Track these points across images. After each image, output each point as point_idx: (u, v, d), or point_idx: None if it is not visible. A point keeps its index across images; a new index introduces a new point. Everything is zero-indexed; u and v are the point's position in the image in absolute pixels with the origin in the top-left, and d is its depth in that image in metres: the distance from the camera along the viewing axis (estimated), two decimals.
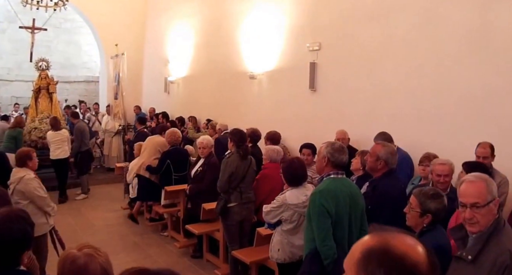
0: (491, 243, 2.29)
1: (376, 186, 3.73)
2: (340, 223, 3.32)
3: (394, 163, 3.83)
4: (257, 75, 8.81)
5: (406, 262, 1.20)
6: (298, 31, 7.82)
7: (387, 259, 1.22)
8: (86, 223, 8.03)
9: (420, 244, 1.29)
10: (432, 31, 5.67)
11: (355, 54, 6.74)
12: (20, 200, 5.01)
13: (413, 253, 1.23)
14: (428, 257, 1.25)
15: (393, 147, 3.92)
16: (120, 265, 1.97)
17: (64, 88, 16.67)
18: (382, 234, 1.29)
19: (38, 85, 11.26)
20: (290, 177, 4.19)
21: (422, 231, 2.99)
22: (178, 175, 7.12)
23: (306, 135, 7.26)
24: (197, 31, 11.28)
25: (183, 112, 11.21)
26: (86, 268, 1.90)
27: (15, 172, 5.17)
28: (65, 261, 1.93)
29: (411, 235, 1.34)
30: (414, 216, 3.01)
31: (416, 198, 3.01)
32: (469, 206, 2.33)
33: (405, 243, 1.26)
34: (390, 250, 1.23)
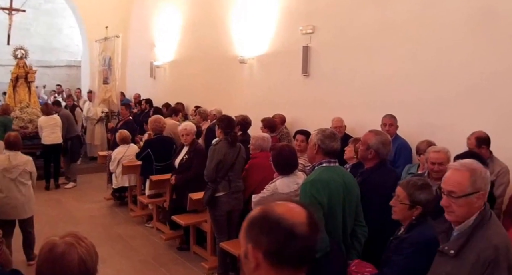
0: (474, 238, 2.26)
1: (365, 180, 3.65)
2: (332, 215, 3.26)
3: (386, 154, 3.76)
4: (247, 60, 8.74)
5: (282, 224, 1.35)
6: (291, 13, 7.74)
7: (266, 223, 1.37)
8: (67, 214, 7.93)
9: (302, 207, 1.43)
10: (431, 16, 5.62)
11: (351, 38, 6.68)
12: (26, 181, 5.68)
13: (291, 216, 1.37)
14: (308, 219, 1.38)
15: (387, 136, 3.85)
16: (104, 258, 1.92)
17: (45, 73, 16.41)
18: (267, 204, 1.45)
19: (16, 74, 11.16)
20: (280, 165, 4.14)
21: (411, 225, 2.94)
22: (160, 165, 7.04)
23: (300, 122, 7.25)
24: (184, 13, 11.15)
25: (170, 98, 11.09)
26: (62, 258, 1.85)
27: (16, 155, 5.67)
28: (43, 248, 1.89)
29: (296, 201, 1.50)
30: (403, 209, 2.95)
31: (404, 190, 2.95)
32: (446, 194, 2.33)
33: (284, 208, 1.40)
34: (268, 215, 1.38)
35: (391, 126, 5.63)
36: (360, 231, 3.48)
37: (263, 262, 1.37)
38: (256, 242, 1.38)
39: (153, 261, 6.00)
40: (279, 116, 7.52)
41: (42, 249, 1.90)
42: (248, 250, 1.39)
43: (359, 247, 3.43)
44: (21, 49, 11.29)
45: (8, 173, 5.55)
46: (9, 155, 5.61)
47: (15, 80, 11.17)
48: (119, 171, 7.85)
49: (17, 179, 5.59)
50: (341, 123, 6.38)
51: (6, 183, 5.54)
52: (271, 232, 1.35)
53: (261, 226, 1.38)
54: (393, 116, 5.69)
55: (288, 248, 1.34)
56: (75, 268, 1.85)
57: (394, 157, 5.27)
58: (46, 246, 1.89)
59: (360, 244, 3.44)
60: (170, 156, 6.97)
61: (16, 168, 5.59)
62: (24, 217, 5.68)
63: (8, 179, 5.55)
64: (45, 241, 1.92)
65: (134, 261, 6.01)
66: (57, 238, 1.91)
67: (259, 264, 1.38)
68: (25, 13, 14.15)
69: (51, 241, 1.90)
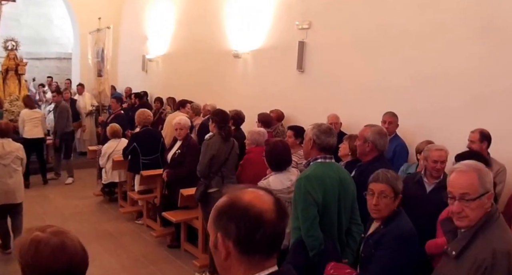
0: (477, 239, 2.19)
1: (362, 172, 3.62)
2: (328, 212, 3.24)
3: (383, 145, 3.76)
4: (241, 54, 8.69)
5: (250, 211, 1.36)
6: (288, 8, 7.70)
7: (233, 211, 1.38)
8: (55, 211, 7.85)
9: (268, 194, 1.45)
10: (431, 14, 5.58)
11: (348, 34, 6.64)
12: (17, 168, 5.93)
13: (258, 203, 1.38)
14: (275, 205, 1.40)
15: (382, 128, 3.85)
16: (92, 256, 1.87)
17: (34, 66, 16.23)
18: (234, 192, 1.46)
19: (6, 66, 11.07)
20: (273, 161, 4.11)
21: (388, 218, 2.92)
22: (147, 159, 7.00)
23: (294, 119, 7.23)
24: (178, 6, 11.08)
25: (162, 92, 11.05)
26: (64, 246, 1.76)
27: (9, 142, 5.92)
28: (33, 247, 1.74)
29: (261, 188, 1.50)
30: (389, 204, 2.92)
31: (388, 185, 2.91)
32: (458, 198, 2.23)
33: (251, 195, 1.42)
34: (236, 203, 1.39)
35: (390, 124, 5.56)
36: (356, 229, 3.46)
37: (233, 251, 1.39)
38: (226, 231, 1.39)
39: (143, 259, 5.96)
40: (276, 112, 7.46)
41: (32, 250, 1.74)
42: (218, 240, 1.41)
43: (354, 245, 3.39)
44: (11, 41, 11.21)
45: (2, 159, 5.77)
46: (3, 143, 5.84)
47: (5, 73, 11.08)
48: (109, 166, 7.79)
49: (9, 165, 5.83)
50: (337, 120, 6.34)
51: (0, 170, 5.75)
52: (240, 220, 1.36)
53: (229, 214, 1.39)
54: (394, 114, 5.63)
55: (257, 235, 1.36)
56: (79, 251, 1.80)
57: (392, 157, 5.23)
58: (33, 243, 1.75)
59: (356, 242, 3.40)
60: (157, 149, 6.96)
61: (10, 154, 5.84)
62: (14, 202, 5.90)
63: (2, 165, 5.76)
64: (27, 241, 1.78)
65: (123, 259, 5.96)
66: (39, 232, 1.79)
67: (229, 252, 1.39)
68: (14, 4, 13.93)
69: (38, 237, 1.76)
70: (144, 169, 6.91)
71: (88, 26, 12.54)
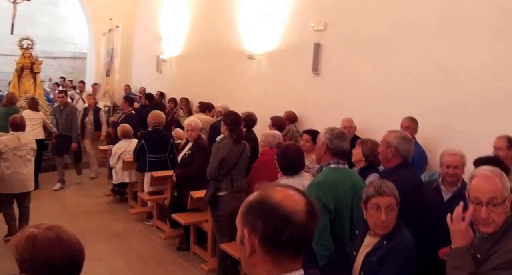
0: (503, 241, 2.21)
1: (385, 178, 3.31)
2: (339, 219, 3.13)
3: (408, 151, 3.58)
4: (256, 55, 8.63)
5: (279, 211, 1.34)
6: (303, 9, 7.62)
7: (262, 209, 1.37)
8: (64, 209, 7.86)
9: (301, 195, 1.43)
10: (449, 14, 5.46)
11: (364, 36, 6.54)
12: (31, 158, 6.40)
13: (288, 203, 1.37)
14: (306, 206, 1.38)
15: (406, 133, 3.70)
16: (100, 255, 1.84)
17: (49, 64, 16.39)
18: (265, 189, 1.44)
19: (21, 64, 11.11)
20: (285, 164, 4.00)
21: (393, 232, 2.76)
22: (154, 157, 6.97)
23: (308, 122, 7.14)
24: (193, 6, 11.07)
25: (176, 93, 11.07)
26: (60, 239, 1.83)
27: (24, 135, 6.38)
28: (30, 243, 1.80)
29: (294, 188, 1.47)
30: (395, 217, 2.78)
31: (394, 197, 2.76)
32: (486, 204, 2.21)
33: (282, 194, 1.40)
34: (266, 201, 1.38)
35: (407, 129, 5.29)
36: None
37: (258, 248, 1.37)
38: (252, 227, 1.38)
39: (151, 260, 5.90)
40: (289, 113, 7.37)
41: (29, 246, 1.80)
42: (244, 235, 1.40)
43: None
44: (27, 39, 11.25)
45: (18, 151, 6.19)
46: (19, 135, 6.26)
47: (20, 71, 11.11)
48: (119, 166, 7.78)
49: (25, 156, 6.27)
50: (351, 124, 6.23)
51: (16, 160, 6.17)
52: (267, 218, 1.35)
53: (258, 211, 1.38)
54: (413, 119, 5.44)
55: (284, 235, 1.34)
56: (75, 243, 1.86)
57: (411, 165, 5.06)
58: (30, 239, 1.81)
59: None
60: (165, 150, 6.96)
61: (25, 146, 6.29)
62: (27, 190, 6.37)
63: (18, 156, 6.19)
64: (23, 239, 1.81)
65: (131, 259, 5.90)
66: (34, 229, 1.85)
67: (254, 250, 1.38)
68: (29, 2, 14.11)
69: (33, 233, 1.83)
70: (150, 167, 6.90)
71: (102, 26, 12.59)
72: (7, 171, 6.10)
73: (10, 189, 6.16)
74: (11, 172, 6.12)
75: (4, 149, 6.07)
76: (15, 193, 6.22)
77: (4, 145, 6.09)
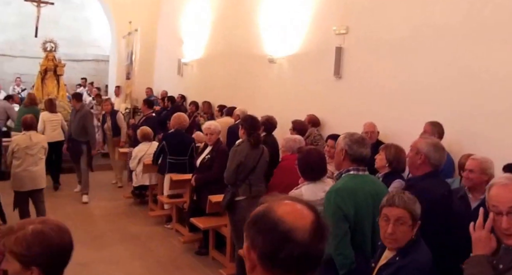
0: None
1: (411, 187, 3.26)
2: (360, 227, 3.04)
3: (439, 160, 3.39)
4: (277, 59, 8.55)
5: (280, 226, 1.25)
6: (324, 12, 7.52)
7: (263, 223, 1.28)
8: (84, 212, 7.88)
9: (310, 210, 1.32)
10: (474, 15, 5.29)
11: (386, 38, 6.40)
12: (42, 156, 6.60)
13: (292, 218, 1.27)
14: (312, 223, 1.28)
15: (439, 141, 3.55)
16: (117, 258, 1.80)
17: (72, 67, 16.54)
18: (271, 201, 1.34)
19: (45, 67, 11.28)
20: (306, 169, 3.88)
21: (407, 249, 2.60)
22: (174, 159, 6.95)
23: (330, 126, 7.04)
24: (213, 10, 11.07)
25: (197, 96, 11.08)
26: (60, 226, 1.94)
27: (35, 134, 6.66)
28: (39, 236, 1.86)
29: (303, 202, 1.36)
30: (406, 231, 2.60)
31: (406, 210, 2.58)
32: (505, 213, 2.10)
33: (288, 208, 1.30)
34: (267, 215, 1.29)
35: (425, 133, 5.06)
36: None
37: (258, 265, 1.30)
38: (252, 242, 1.31)
39: (169, 264, 5.87)
40: (311, 116, 7.26)
41: (37, 238, 1.85)
42: (245, 249, 1.34)
43: None
44: (50, 42, 11.43)
45: (30, 150, 6.41)
46: (30, 135, 6.49)
47: (43, 73, 11.34)
48: (139, 169, 7.79)
49: (36, 155, 6.47)
50: (374, 129, 6.07)
51: (27, 159, 6.38)
52: (267, 234, 1.27)
53: (258, 225, 1.31)
54: (434, 124, 5.19)
55: (283, 253, 1.25)
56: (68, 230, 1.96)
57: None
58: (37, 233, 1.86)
59: None
60: (185, 153, 6.93)
61: (36, 145, 6.50)
62: (38, 187, 6.55)
63: (29, 155, 6.40)
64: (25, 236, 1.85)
65: (149, 263, 5.88)
66: (32, 225, 1.89)
67: (255, 265, 1.31)
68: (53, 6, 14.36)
69: (35, 228, 1.88)
70: (170, 169, 6.89)
71: (123, 29, 12.72)
72: (19, 168, 6.35)
73: (22, 187, 6.38)
74: (22, 170, 6.35)
75: (16, 148, 6.34)
76: (27, 190, 6.41)
77: (16, 144, 6.37)
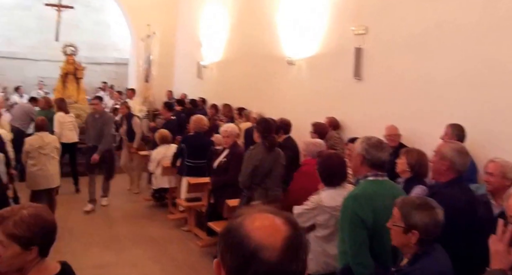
0: None
1: (435, 194, 3.13)
2: (379, 235, 2.92)
3: (463, 166, 3.30)
4: (295, 61, 8.47)
5: (245, 244, 1.16)
6: (343, 12, 7.41)
7: (230, 238, 1.20)
8: (103, 213, 7.91)
9: (286, 224, 1.20)
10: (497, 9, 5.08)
11: (407, 39, 6.25)
12: (55, 156, 6.94)
13: (260, 234, 1.16)
14: (284, 241, 1.16)
15: (463, 145, 3.43)
16: (135, 262, 1.75)
17: (93, 70, 16.71)
18: (244, 214, 1.25)
19: (66, 70, 11.45)
20: (326, 174, 3.81)
21: (416, 255, 2.53)
22: (192, 162, 6.94)
23: (350, 130, 6.91)
24: (231, 12, 11.05)
25: (217, 99, 11.05)
26: (44, 207, 2.20)
27: (47, 135, 6.94)
28: (35, 218, 2.09)
29: (287, 216, 1.25)
30: (397, 232, 2.57)
31: (398, 210, 2.57)
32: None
33: (258, 223, 1.20)
34: (235, 230, 1.20)
35: (445, 136, 4.98)
36: None
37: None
38: (221, 257, 1.23)
39: (187, 268, 5.83)
40: (331, 119, 7.15)
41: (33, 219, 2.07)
42: (215, 264, 1.26)
43: None
44: (70, 46, 11.55)
45: (43, 149, 6.76)
46: (42, 135, 6.83)
47: (64, 76, 11.50)
48: (158, 171, 7.79)
49: (49, 154, 6.82)
50: (395, 131, 5.90)
51: (41, 158, 6.75)
52: (234, 251, 1.19)
53: (225, 241, 1.23)
54: (454, 126, 5.03)
55: (249, 272, 1.15)
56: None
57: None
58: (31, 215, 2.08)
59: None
60: (204, 156, 6.89)
61: (49, 145, 6.85)
62: (52, 186, 6.90)
63: (42, 154, 6.75)
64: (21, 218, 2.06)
65: (166, 266, 5.86)
66: (23, 210, 2.10)
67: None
68: (74, 10, 14.54)
69: (32, 211, 2.11)
70: (188, 172, 6.88)
71: (142, 32, 12.77)
72: (34, 168, 6.71)
73: (37, 186, 6.72)
74: (37, 169, 6.72)
75: (30, 148, 6.70)
76: (42, 189, 6.72)
77: (29, 145, 6.73)
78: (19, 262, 2.06)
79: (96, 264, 5.77)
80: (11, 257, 2.03)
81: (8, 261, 2.04)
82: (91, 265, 5.67)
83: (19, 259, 2.05)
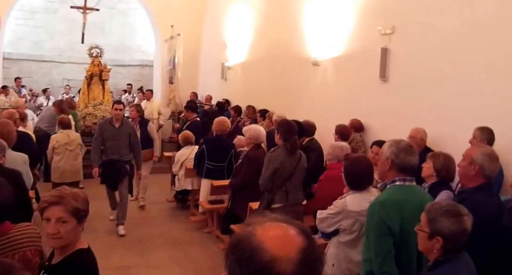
0: None
1: (463, 200, 3.01)
2: (406, 244, 2.81)
3: (493, 171, 3.19)
4: (321, 62, 8.37)
5: (257, 256, 1.08)
6: (369, 12, 7.28)
7: (239, 252, 1.11)
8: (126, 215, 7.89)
9: (301, 235, 1.12)
10: None
11: (435, 38, 6.08)
12: (79, 152, 7.70)
13: (274, 245, 1.09)
14: (301, 253, 1.09)
15: (493, 150, 3.30)
16: (157, 263, 1.71)
17: (118, 72, 16.90)
18: (253, 224, 1.16)
19: (91, 72, 11.57)
20: (352, 178, 3.72)
21: (437, 262, 2.45)
22: (212, 164, 6.91)
23: (375, 132, 6.79)
24: (257, 13, 10.99)
25: (241, 100, 11.00)
26: (81, 192, 2.52)
27: (72, 132, 7.75)
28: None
29: (301, 226, 1.17)
30: (422, 237, 2.51)
31: (426, 214, 2.50)
32: None
33: (272, 233, 1.12)
34: (244, 242, 1.12)
35: (473, 139, 4.80)
36: None
37: None
38: (230, 272, 1.14)
39: (208, 271, 5.79)
40: (354, 121, 7.03)
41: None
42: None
43: None
44: (96, 48, 11.67)
45: (69, 146, 7.45)
46: (67, 133, 7.57)
47: (89, 78, 11.65)
48: (181, 173, 7.78)
49: (74, 150, 7.52)
50: (422, 134, 5.72)
51: (67, 154, 7.42)
52: (243, 265, 1.10)
53: (234, 254, 1.13)
54: (482, 130, 4.83)
55: None
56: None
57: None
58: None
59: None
60: (224, 159, 6.90)
61: (74, 141, 7.56)
62: (76, 180, 7.55)
63: (68, 150, 7.44)
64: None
65: (188, 269, 5.84)
66: None
67: None
68: (99, 12, 14.71)
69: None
70: (207, 175, 6.88)
71: (167, 33, 12.83)
72: (61, 163, 7.35)
73: (63, 179, 7.17)
74: (63, 164, 7.35)
75: (57, 144, 7.36)
76: (66, 182, 6.86)
77: (56, 141, 7.39)
78: (74, 235, 2.34)
79: (121, 264, 5.80)
80: (70, 231, 2.30)
81: (67, 235, 2.28)
82: (116, 265, 5.72)
83: (74, 232, 2.33)
